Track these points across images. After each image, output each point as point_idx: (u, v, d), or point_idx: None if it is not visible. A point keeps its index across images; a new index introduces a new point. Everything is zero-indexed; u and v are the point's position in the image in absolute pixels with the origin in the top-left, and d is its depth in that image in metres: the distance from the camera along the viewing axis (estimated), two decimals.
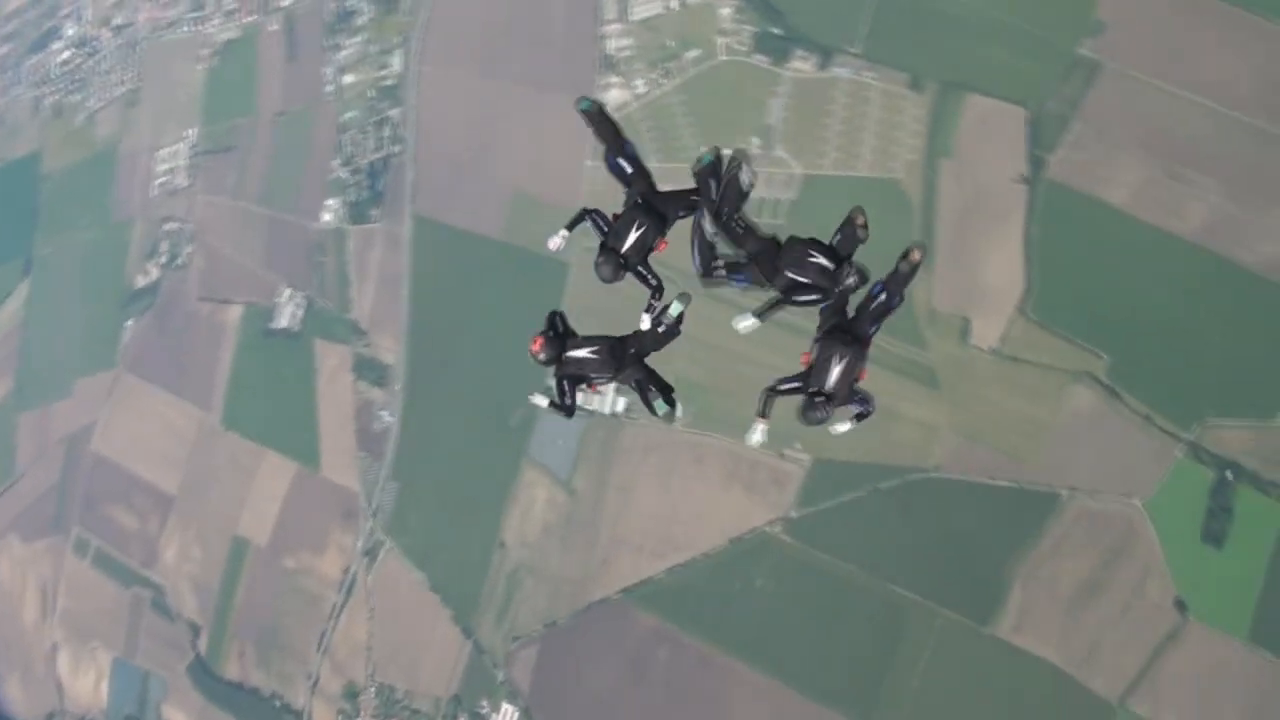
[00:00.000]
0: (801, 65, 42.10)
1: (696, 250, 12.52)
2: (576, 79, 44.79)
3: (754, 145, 42.01)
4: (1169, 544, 36.93)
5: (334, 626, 48.47)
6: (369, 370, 48.88)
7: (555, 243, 12.31)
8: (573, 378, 12.57)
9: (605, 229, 12.39)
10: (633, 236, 12.21)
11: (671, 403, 12.57)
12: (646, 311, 12.65)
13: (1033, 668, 37.34)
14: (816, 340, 11.39)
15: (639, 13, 44.68)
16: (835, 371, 11.26)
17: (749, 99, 42.70)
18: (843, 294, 11.22)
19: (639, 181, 12.67)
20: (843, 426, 11.83)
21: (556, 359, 12.37)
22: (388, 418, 48.11)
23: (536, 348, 12.21)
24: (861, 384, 11.22)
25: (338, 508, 48.81)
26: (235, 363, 52.78)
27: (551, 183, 45.03)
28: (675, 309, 12.66)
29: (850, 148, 41.21)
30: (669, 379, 12.63)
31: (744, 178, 12.19)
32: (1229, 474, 36.60)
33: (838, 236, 11.63)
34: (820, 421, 11.36)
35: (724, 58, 43.29)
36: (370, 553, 47.82)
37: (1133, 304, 37.57)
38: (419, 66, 49.15)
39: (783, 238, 11.98)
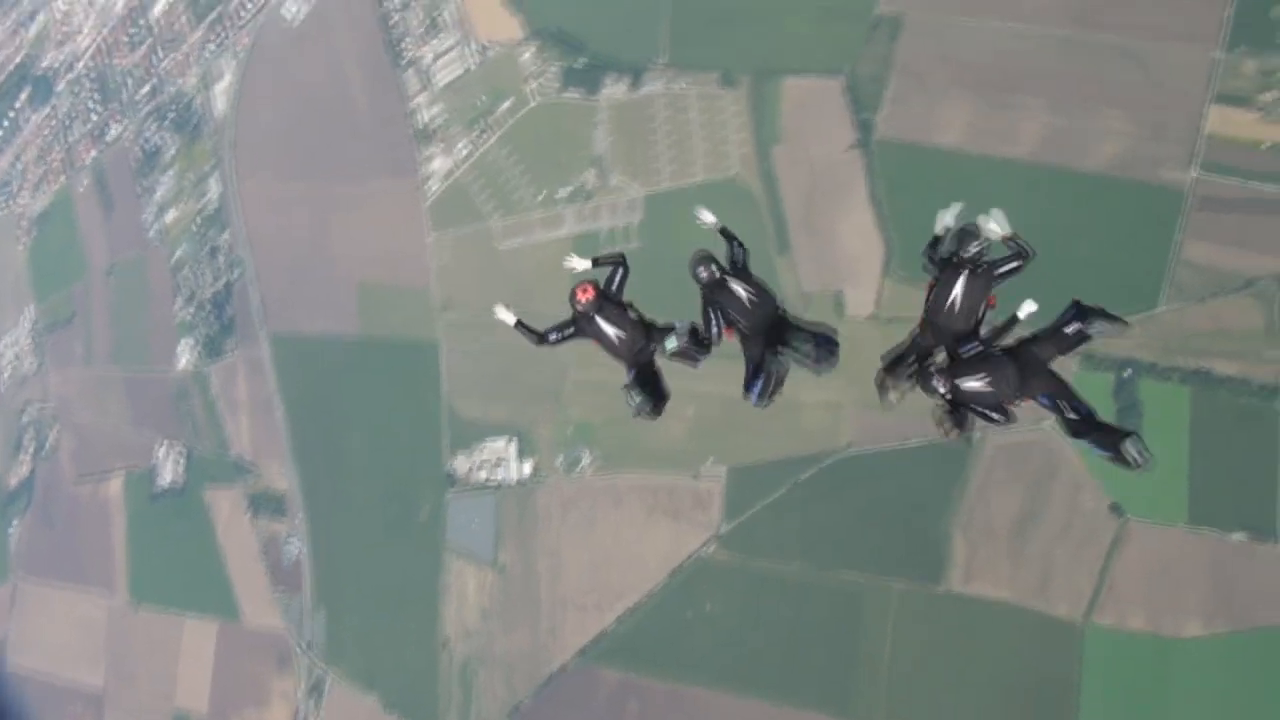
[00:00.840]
0: (614, 90, 41.84)
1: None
2: (396, 158, 44.13)
3: (590, 177, 41.85)
4: (1089, 455, 36.86)
5: None
6: (265, 504, 46.94)
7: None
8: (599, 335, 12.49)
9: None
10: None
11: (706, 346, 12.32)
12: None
13: (993, 612, 37.01)
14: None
15: (442, 78, 44.05)
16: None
17: (572, 135, 42.34)
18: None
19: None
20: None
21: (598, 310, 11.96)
22: (296, 546, 46.17)
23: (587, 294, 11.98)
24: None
25: (270, 653, 46.55)
26: (129, 535, 50.39)
27: (396, 266, 44.16)
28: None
29: (683, 157, 41.04)
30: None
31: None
32: (1126, 372, 37.01)
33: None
34: (940, 392, 10.85)
35: (537, 101, 42.90)
36: (315, 689, 45.58)
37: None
38: (237, 186, 47.79)
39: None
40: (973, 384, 10.84)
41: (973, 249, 11.08)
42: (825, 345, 12.17)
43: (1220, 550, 35.93)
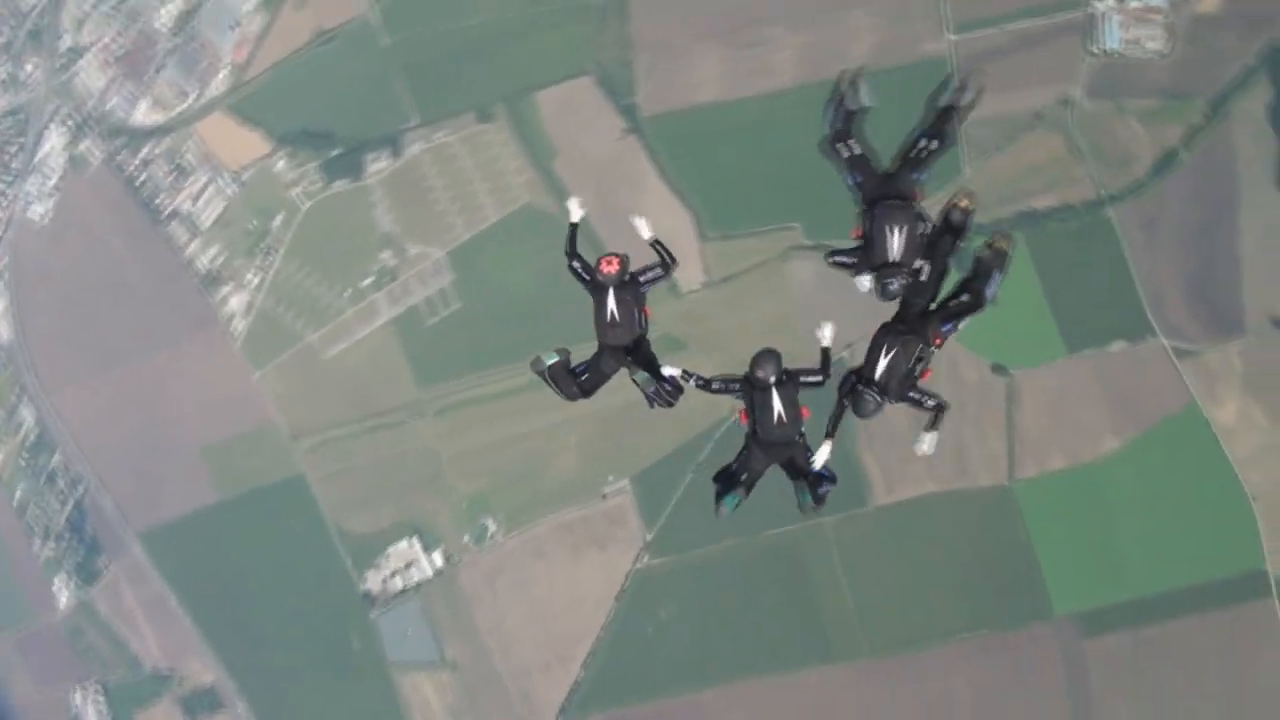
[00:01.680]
0: (379, 166, 41.10)
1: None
2: (191, 312, 42.66)
3: (387, 257, 41.05)
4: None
5: None
6: (200, 703, 44.26)
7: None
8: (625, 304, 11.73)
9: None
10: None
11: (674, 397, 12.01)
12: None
13: (926, 508, 37.42)
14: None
15: (207, 218, 42.68)
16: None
17: (355, 225, 41.43)
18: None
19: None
20: (928, 445, 11.36)
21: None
22: None
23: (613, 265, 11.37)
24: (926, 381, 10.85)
25: None
26: None
27: (231, 417, 42.63)
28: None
29: (470, 205, 40.51)
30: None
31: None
32: (958, 241, 37.48)
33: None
34: (872, 412, 10.71)
35: (307, 205, 41.85)
36: None
37: (784, 169, 38.21)
38: (49, 404, 45.33)
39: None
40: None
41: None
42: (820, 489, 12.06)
43: (1105, 365, 36.98)
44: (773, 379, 11.02)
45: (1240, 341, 36.04)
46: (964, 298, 10.92)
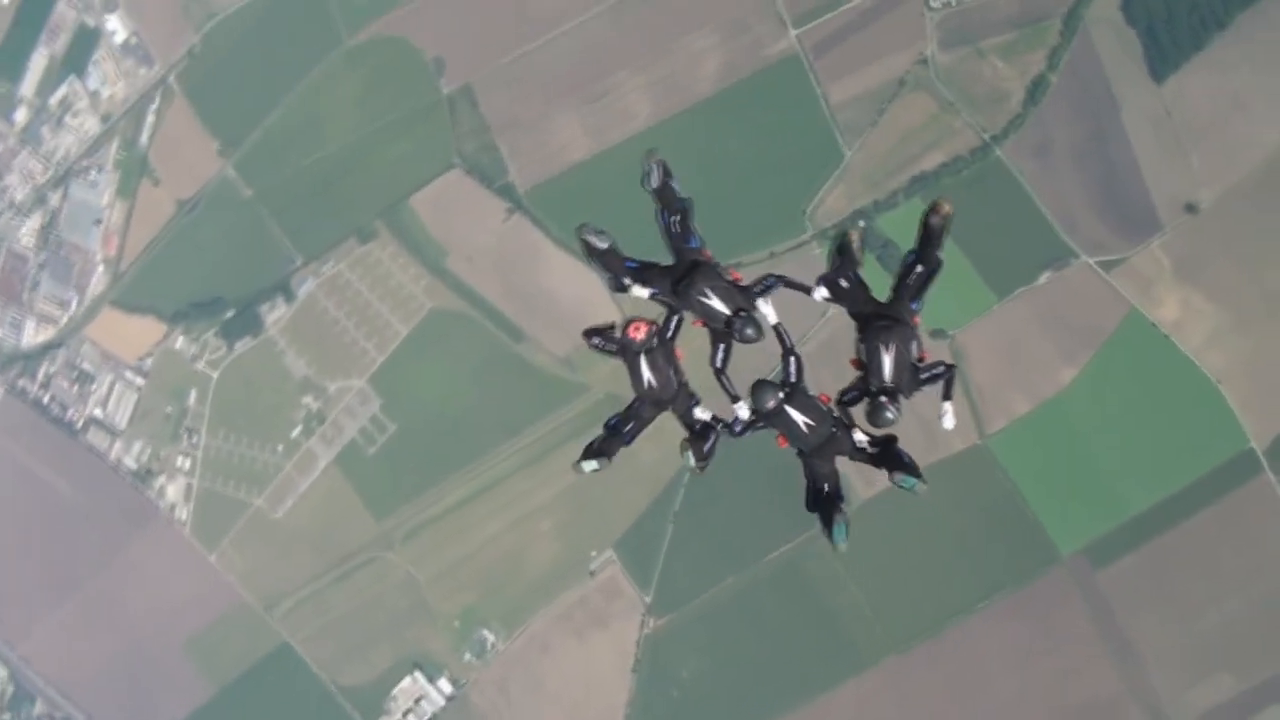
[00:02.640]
0: (276, 314, 40.66)
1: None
2: (131, 512, 41.72)
3: (309, 401, 40.40)
4: None
5: None
6: None
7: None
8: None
9: None
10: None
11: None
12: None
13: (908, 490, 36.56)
14: (859, 339, 10.15)
15: (121, 417, 41.87)
16: (888, 362, 9.70)
17: (269, 379, 40.82)
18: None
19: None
20: (949, 417, 10.57)
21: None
22: None
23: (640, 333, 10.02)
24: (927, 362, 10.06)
25: None
26: None
27: (203, 605, 41.33)
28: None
29: (377, 327, 40.01)
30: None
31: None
32: (861, 223, 37.35)
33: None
34: (892, 421, 9.71)
35: (217, 373, 41.20)
36: None
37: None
38: (18, 653, 43.14)
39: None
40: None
41: None
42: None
43: (1039, 298, 36.90)
44: (778, 402, 10.41)
45: (1160, 237, 36.13)
46: (918, 269, 10.31)
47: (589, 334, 10.76)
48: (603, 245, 10.43)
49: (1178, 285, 36.07)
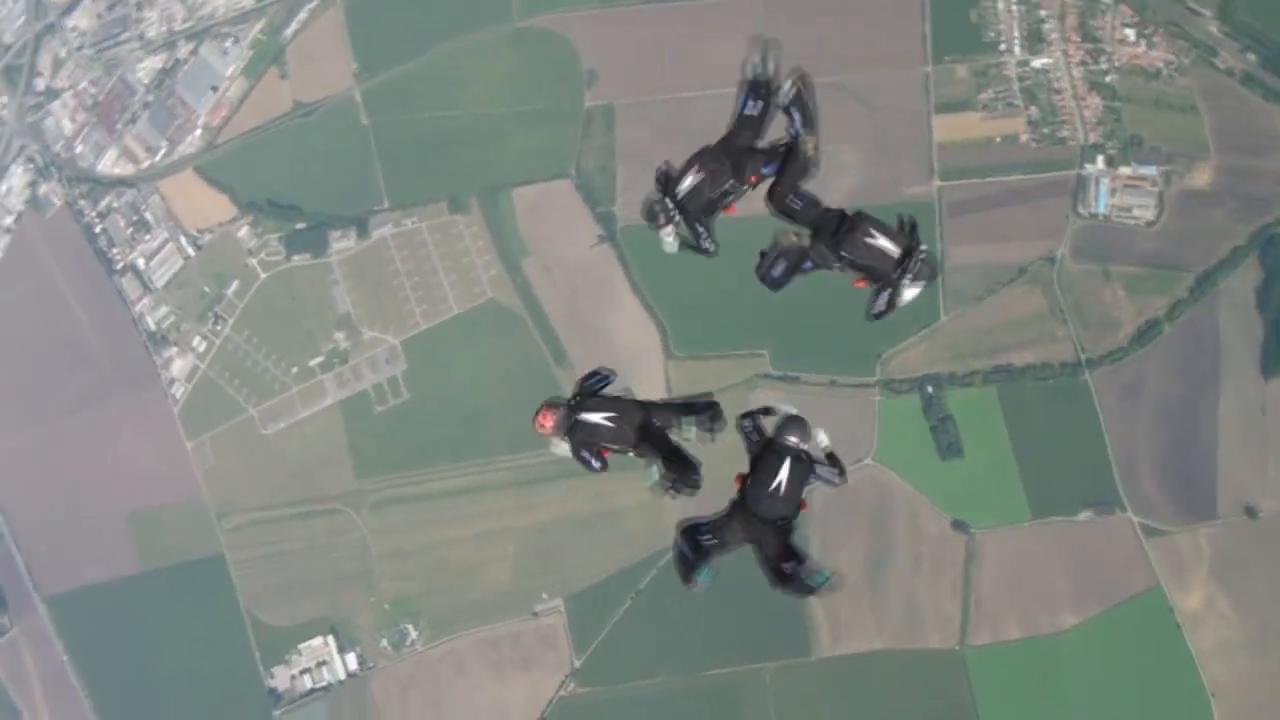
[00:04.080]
0: (343, 244, 39.99)
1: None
2: (132, 371, 41.05)
3: (340, 339, 39.69)
4: (917, 480, 36.70)
5: None
6: None
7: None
8: (588, 445, 10.27)
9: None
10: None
11: (694, 483, 10.32)
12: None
13: (871, 665, 35.90)
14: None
15: (162, 277, 41.23)
16: (688, 179, 10.47)
17: (312, 300, 40.17)
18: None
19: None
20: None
21: (568, 429, 10.19)
22: None
23: (547, 424, 10.12)
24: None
25: None
26: None
27: (161, 485, 40.59)
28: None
29: (431, 294, 39.37)
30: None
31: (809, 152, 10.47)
32: (929, 388, 36.66)
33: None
34: (660, 222, 10.32)
35: (265, 275, 40.55)
36: None
37: (756, 294, 37.09)
38: None
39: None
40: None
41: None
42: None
43: (1071, 534, 35.80)
44: (798, 445, 9.82)
45: (1211, 526, 35.08)
46: (784, 144, 9.96)
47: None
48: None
49: (1210, 580, 34.95)
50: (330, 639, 38.80)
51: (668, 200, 10.21)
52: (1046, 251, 36.91)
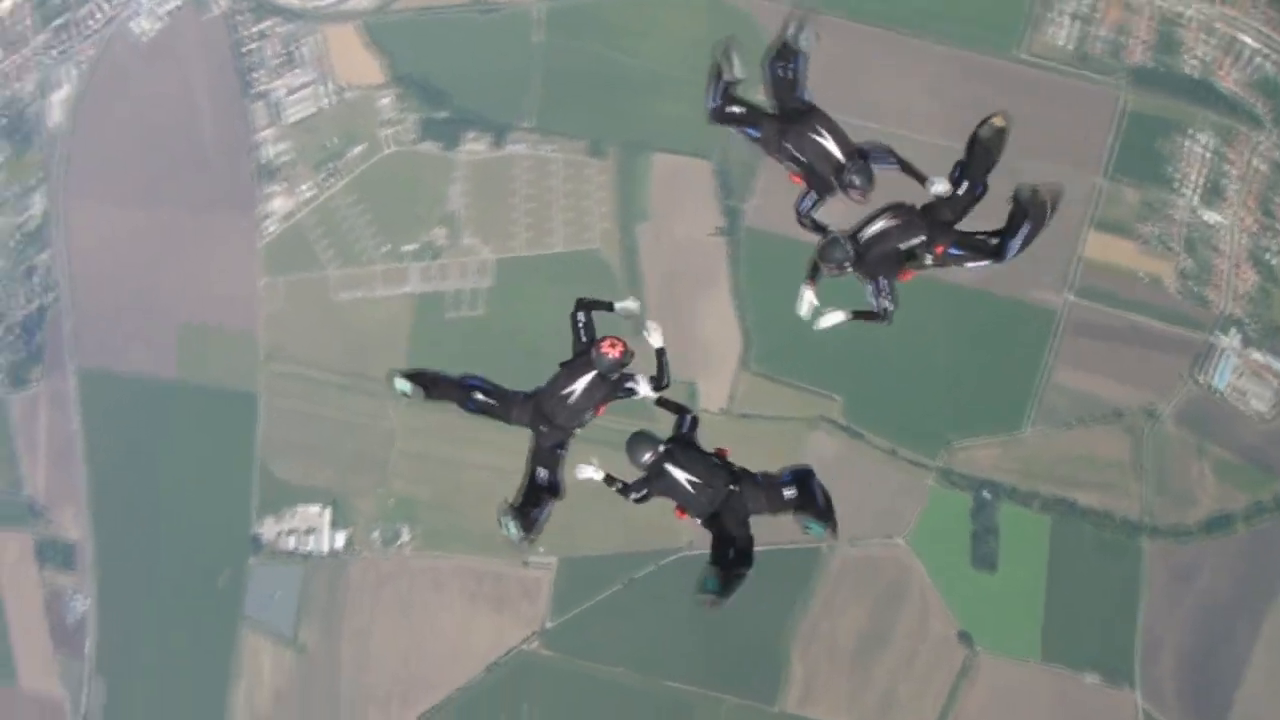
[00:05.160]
0: (475, 147, 39.55)
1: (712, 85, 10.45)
2: (234, 194, 41.00)
3: (440, 234, 39.46)
4: (941, 578, 35.81)
5: None
6: (53, 553, 42.23)
7: None
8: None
9: None
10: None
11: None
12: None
13: None
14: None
15: (293, 114, 41.04)
16: (878, 224, 9.50)
17: (425, 188, 39.85)
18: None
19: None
20: (835, 317, 10.17)
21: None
22: (81, 605, 41.69)
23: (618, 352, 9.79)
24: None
25: None
26: None
27: (222, 308, 40.80)
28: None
29: (541, 224, 38.90)
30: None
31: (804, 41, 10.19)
32: (986, 493, 35.66)
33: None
34: (832, 259, 9.34)
35: (391, 150, 40.28)
36: None
37: (854, 340, 36.00)
38: (64, 204, 43.59)
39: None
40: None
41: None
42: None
43: (1072, 691, 34.82)
44: (653, 457, 9.26)
45: None
46: (993, 240, 9.18)
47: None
48: (729, 77, 9.77)
49: None
50: (328, 512, 38.97)
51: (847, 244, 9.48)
52: (1150, 405, 35.57)
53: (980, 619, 35.50)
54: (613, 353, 9.56)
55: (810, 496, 9.76)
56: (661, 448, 9.48)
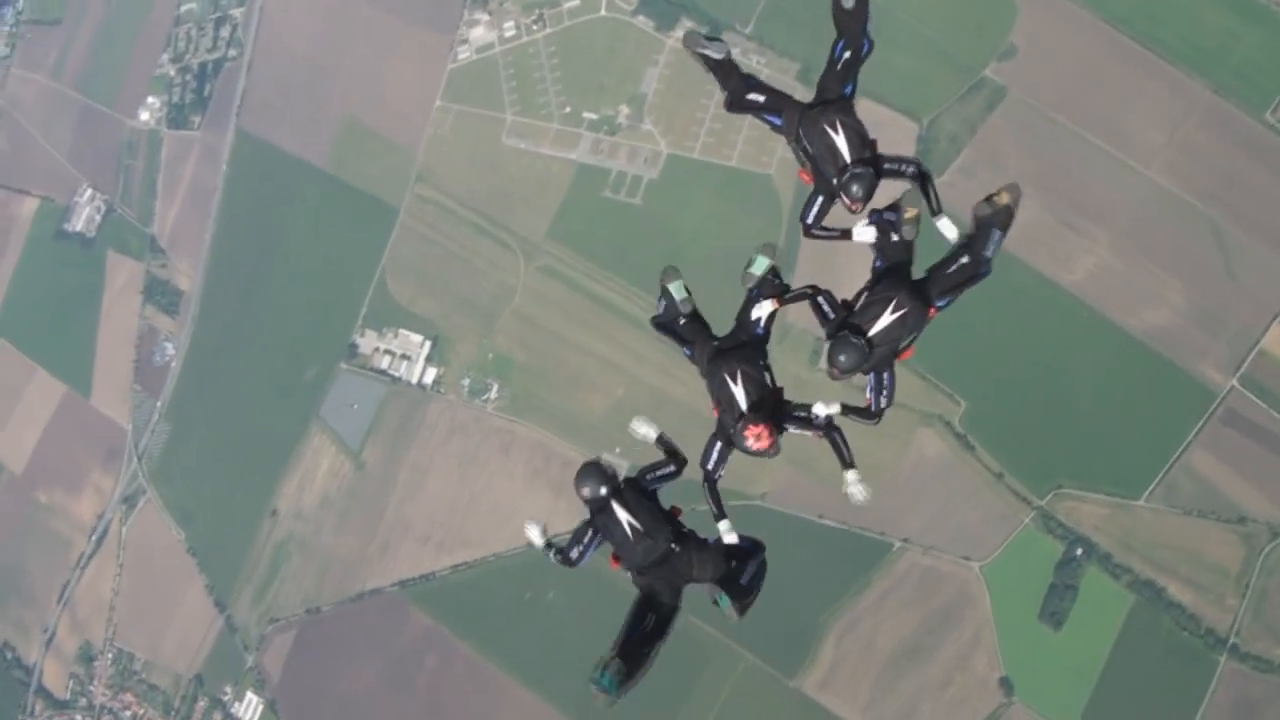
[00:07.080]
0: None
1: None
2: (441, 12, 40.36)
3: (622, 114, 38.26)
4: (1003, 616, 34.35)
5: (79, 578, 43.17)
6: (160, 294, 43.31)
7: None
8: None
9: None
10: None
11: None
12: None
13: None
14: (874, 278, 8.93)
15: None
16: (885, 319, 8.31)
17: (624, 63, 38.66)
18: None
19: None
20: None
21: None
22: (170, 351, 42.61)
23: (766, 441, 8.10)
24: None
25: (102, 444, 43.28)
26: (21, 262, 46.52)
27: (391, 117, 40.51)
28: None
29: (724, 134, 37.39)
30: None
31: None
32: (1080, 550, 33.82)
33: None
34: (847, 368, 8.05)
35: (605, 13, 38.98)
36: (129, 500, 42.49)
37: (1001, 349, 34.49)
38: None
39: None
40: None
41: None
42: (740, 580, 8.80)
43: None
44: (601, 493, 8.13)
45: None
46: (963, 260, 8.33)
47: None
48: (718, 56, 8.42)
49: None
50: (428, 345, 38.93)
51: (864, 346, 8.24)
52: (1274, 519, 33.12)
53: (1028, 670, 33.94)
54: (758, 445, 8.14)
55: (740, 571, 8.59)
56: (611, 486, 8.26)
